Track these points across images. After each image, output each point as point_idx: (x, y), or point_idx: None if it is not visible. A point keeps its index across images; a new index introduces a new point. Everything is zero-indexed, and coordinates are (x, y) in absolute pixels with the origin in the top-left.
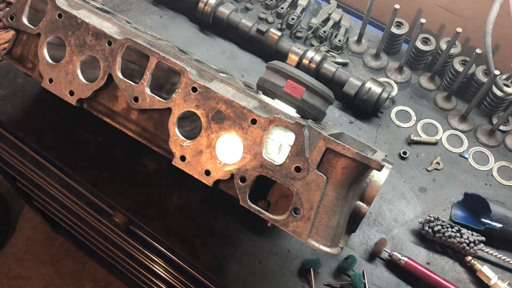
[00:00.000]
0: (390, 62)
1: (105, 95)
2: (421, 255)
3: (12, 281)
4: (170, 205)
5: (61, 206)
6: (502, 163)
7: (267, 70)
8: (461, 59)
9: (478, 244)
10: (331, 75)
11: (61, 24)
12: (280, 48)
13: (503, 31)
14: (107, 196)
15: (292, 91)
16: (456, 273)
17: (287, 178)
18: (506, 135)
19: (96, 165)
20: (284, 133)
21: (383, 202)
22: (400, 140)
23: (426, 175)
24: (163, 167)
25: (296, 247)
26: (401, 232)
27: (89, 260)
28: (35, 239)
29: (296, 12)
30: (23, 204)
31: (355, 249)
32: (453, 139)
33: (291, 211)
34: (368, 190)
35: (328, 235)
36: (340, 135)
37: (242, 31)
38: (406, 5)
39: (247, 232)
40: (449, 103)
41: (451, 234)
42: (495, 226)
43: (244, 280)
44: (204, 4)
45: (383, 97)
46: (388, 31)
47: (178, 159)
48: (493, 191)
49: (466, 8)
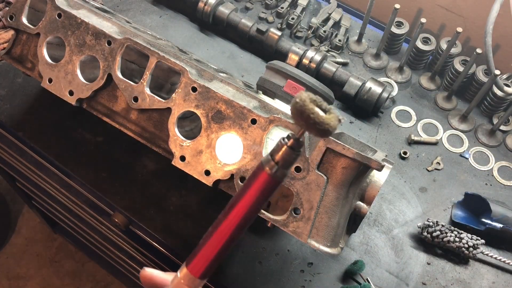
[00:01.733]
0: (390, 62)
1: (105, 95)
2: (421, 255)
3: (12, 281)
4: (170, 205)
5: (60, 206)
6: (502, 163)
7: (267, 70)
8: (461, 59)
9: (477, 248)
10: (331, 75)
11: (61, 24)
12: (280, 47)
13: (504, 31)
14: (107, 196)
15: (292, 91)
16: (457, 273)
17: (287, 178)
18: (506, 135)
19: (96, 165)
20: (284, 133)
21: (383, 202)
22: (401, 140)
23: (427, 175)
24: (163, 167)
25: (296, 247)
26: (401, 233)
27: (88, 260)
28: (35, 239)
29: (296, 11)
30: (22, 204)
31: (356, 250)
32: (453, 139)
33: (291, 211)
34: (368, 190)
35: (328, 235)
36: (340, 135)
37: (242, 30)
38: (406, 4)
39: (247, 232)
40: (450, 103)
41: (450, 239)
42: (496, 226)
43: (244, 280)
44: (204, 3)
45: (384, 97)
46: (388, 30)
47: (178, 159)
48: (494, 191)
49: (467, 8)
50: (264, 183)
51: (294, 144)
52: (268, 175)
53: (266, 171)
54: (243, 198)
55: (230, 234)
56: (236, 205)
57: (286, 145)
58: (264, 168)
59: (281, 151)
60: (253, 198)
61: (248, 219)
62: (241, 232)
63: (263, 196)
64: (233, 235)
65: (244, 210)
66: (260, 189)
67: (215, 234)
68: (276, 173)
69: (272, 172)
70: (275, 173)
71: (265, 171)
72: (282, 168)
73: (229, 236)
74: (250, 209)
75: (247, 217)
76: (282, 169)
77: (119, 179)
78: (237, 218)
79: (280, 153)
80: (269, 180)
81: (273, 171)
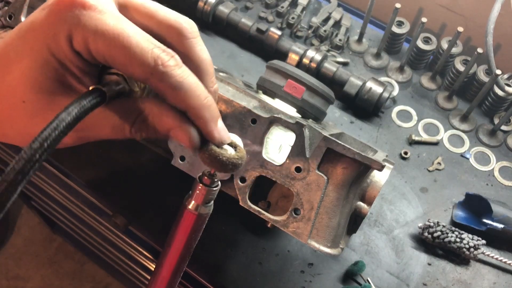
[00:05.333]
0: (391, 62)
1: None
2: (422, 256)
3: (11, 281)
4: (170, 205)
5: (59, 206)
6: (503, 163)
7: (267, 69)
8: (462, 59)
9: (478, 249)
10: (332, 74)
11: None
12: (280, 47)
13: (505, 30)
14: (106, 196)
15: (292, 90)
16: (458, 274)
17: (287, 179)
18: (507, 135)
19: (95, 165)
20: (284, 133)
21: (384, 203)
22: (401, 140)
23: (427, 176)
24: (163, 167)
25: (297, 248)
26: (402, 233)
27: (88, 261)
28: (34, 239)
29: (296, 11)
30: (21, 204)
31: (356, 250)
32: (454, 139)
33: (291, 211)
34: (369, 191)
35: (328, 236)
36: (340, 135)
37: (242, 30)
38: (407, 4)
39: (247, 233)
40: (450, 103)
41: (450, 240)
42: (497, 227)
43: (243, 281)
44: (204, 3)
45: (384, 96)
46: (389, 30)
47: (178, 159)
48: (495, 192)
49: (468, 7)
50: (192, 222)
51: (210, 182)
52: (193, 214)
53: (190, 210)
54: (176, 237)
55: (174, 266)
56: (172, 244)
57: (203, 184)
58: (187, 208)
59: (199, 190)
60: (185, 236)
61: (187, 252)
62: (185, 262)
63: (194, 232)
64: (177, 266)
65: (181, 246)
66: (190, 227)
67: (163, 268)
68: (200, 210)
69: (197, 211)
70: (199, 211)
71: (188, 210)
72: (204, 205)
73: (174, 268)
74: (186, 244)
75: (186, 250)
76: (204, 206)
77: (119, 179)
78: (177, 253)
79: (198, 192)
80: (196, 218)
81: (198, 210)
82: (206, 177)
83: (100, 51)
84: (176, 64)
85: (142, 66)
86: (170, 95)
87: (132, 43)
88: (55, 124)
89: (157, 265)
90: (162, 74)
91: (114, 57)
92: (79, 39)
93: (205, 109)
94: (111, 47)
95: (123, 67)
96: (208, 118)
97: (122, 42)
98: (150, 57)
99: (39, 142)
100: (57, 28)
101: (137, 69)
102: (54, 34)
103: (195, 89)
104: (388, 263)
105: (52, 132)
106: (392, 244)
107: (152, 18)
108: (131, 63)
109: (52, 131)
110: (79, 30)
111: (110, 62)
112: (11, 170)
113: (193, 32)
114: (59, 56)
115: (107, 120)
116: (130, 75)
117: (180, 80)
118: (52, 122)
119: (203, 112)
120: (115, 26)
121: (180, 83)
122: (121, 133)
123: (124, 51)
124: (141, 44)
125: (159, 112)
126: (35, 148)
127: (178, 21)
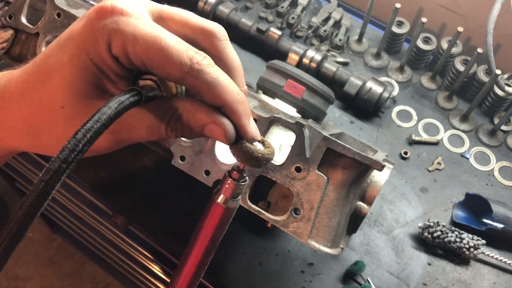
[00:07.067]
0: (391, 62)
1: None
2: (422, 256)
3: (11, 281)
4: (170, 205)
5: (60, 206)
6: (503, 163)
7: (267, 69)
8: (462, 59)
9: (478, 249)
10: (332, 74)
11: (60, 23)
12: (280, 47)
13: (505, 30)
14: (106, 196)
15: (292, 90)
16: (458, 274)
17: (288, 178)
18: (507, 135)
19: (95, 165)
20: (284, 133)
21: (384, 203)
22: (401, 140)
23: (427, 175)
24: (163, 167)
25: (297, 248)
26: (402, 233)
27: (88, 261)
28: (34, 239)
29: (296, 11)
30: None
31: (356, 250)
32: (454, 139)
33: (291, 211)
34: (369, 191)
35: (328, 236)
36: (340, 135)
37: (242, 30)
38: (407, 4)
39: (247, 233)
40: (450, 103)
41: (450, 240)
42: (497, 227)
43: (243, 280)
44: (204, 3)
45: (384, 96)
46: (389, 30)
47: (178, 159)
48: (495, 192)
49: (468, 7)
50: (220, 215)
51: (239, 177)
52: (221, 207)
53: (218, 204)
54: (203, 230)
55: (199, 259)
56: (199, 237)
57: (232, 179)
58: (215, 201)
59: (228, 184)
60: (212, 229)
61: (213, 246)
62: (210, 255)
63: (221, 225)
64: (203, 259)
65: (207, 239)
66: (218, 220)
67: (189, 262)
68: (228, 204)
69: (225, 205)
70: (227, 205)
71: (217, 204)
72: (232, 198)
73: (199, 261)
74: (212, 238)
75: (212, 243)
76: (232, 200)
77: (118, 179)
78: (203, 246)
79: (227, 186)
80: (223, 211)
81: (226, 204)
82: (236, 171)
83: (138, 54)
84: (209, 63)
85: (178, 66)
86: (206, 91)
87: (169, 45)
88: (97, 117)
89: (183, 258)
90: (198, 72)
91: (151, 59)
92: (118, 43)
93: (240, 104)
94: (148, 49)
95: (160, 68)
96: (243, 113)
97: (159, 44)
98: (186, 57)
99: (82, 133)
100: (96, 34)
101: (174, 69)
102: (93, 40)
103: (229, 84)
104: (388, 263)
105: (94, 124)
106: (392, 244)
107: (185, 25)
108: (168, 64)
109: (94, 123)
110: (118, 35)
111: (148, 64)
112: (55, 159)
113: (224, 35)
114: (97, 61)
115: (143, 120)
116: (167, 75)
117: (215, 77)
118: (94, 115)
119: (237, 107)
120: (152, 31)
121: (215, 79)
122: (157, 133)
123: (161, 53)
124: (176, 45)
125: (193, 108)
126: (79, 139)
127: (210, 25)
